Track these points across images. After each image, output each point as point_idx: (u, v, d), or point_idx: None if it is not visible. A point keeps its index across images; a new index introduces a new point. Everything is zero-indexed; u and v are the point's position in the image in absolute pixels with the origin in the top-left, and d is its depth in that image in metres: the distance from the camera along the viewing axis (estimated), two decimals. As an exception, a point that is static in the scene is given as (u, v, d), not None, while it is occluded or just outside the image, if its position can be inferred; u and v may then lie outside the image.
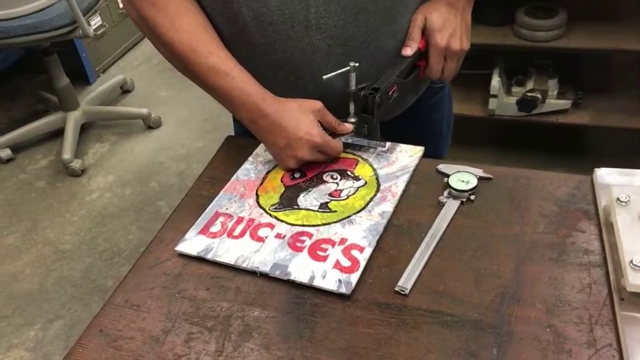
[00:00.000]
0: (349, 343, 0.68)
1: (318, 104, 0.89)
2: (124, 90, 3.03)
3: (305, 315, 0.71)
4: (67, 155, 2.50)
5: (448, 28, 0.95)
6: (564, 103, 2.02)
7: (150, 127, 2.76)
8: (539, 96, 2.00)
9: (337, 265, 0.76)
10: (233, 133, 1.12)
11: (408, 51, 0.95)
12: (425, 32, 0.96)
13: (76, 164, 2.52)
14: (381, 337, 0.68)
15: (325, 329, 0.70)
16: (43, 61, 2.54)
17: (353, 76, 0.89)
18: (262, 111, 0.87)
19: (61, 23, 2.22)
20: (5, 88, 3.12)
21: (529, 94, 2.00)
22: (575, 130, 2.19)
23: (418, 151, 0.94)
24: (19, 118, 2.91)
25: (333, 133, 0.92)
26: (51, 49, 2.50)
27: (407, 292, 0.72)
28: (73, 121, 2.62)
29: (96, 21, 2.94)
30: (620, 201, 0.74)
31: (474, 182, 0.85)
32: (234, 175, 0.93)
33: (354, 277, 0.74)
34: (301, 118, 0.87)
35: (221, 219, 0.85)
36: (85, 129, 2.75)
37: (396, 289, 0.72)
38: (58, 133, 2.69)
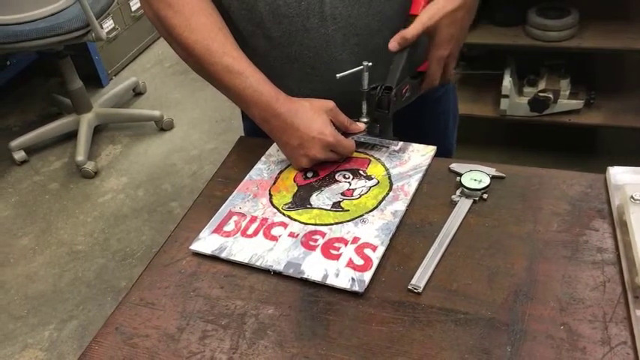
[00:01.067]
0: (363, 340, 0.68)
1: (330, 104, 0.90)
2: (137, 92, 3.05)
3: (319, 313, 0.72)
4: (80, 157, 2.53)
5: (453, 37, 0.89)
6: (576, 103, 2.01)
7: (162, 129, 2.78)
8: (551, 96, 1.99)
9: (350, 264, 0.76)
10: (243, 133, 1.13)
11: (395, 45, 0.89)
12: (427, 32, 0.89)
13: (89, 166, 2.54)
14: (395, 335, 0.68)
15: (339, 327, 0.70)
16: (56, 64, 2.57)
17: (366, 75, 0.89)
18: (275, 110, 0.88)
19: (74, 27, 2.24)
20: (19, 91, 3.15)
21: (541, 94, 2.00)
22: (588, 130, 2.18)
23: (430, 150, 0.94)
24: (32, 120, 2.94)
25: (346, 133, 0.92)
26: (64, 52, 2.52)
27: (420, 290, 0.72)
28: (86, 123, 2.64)
29: (108, 24, 2.96)
30: (633, 199, 0.74)
31: (486, 181, 0.85)
32: (247, 175, 0.94)
33: (367, 276, 0.74)
34: (314, 118, 0.87)
35: (235, 218, 0.86)
36: (97, 131, 2.77)
37: (409, 287, 0.73)
38: (71, 136, 2.72)
